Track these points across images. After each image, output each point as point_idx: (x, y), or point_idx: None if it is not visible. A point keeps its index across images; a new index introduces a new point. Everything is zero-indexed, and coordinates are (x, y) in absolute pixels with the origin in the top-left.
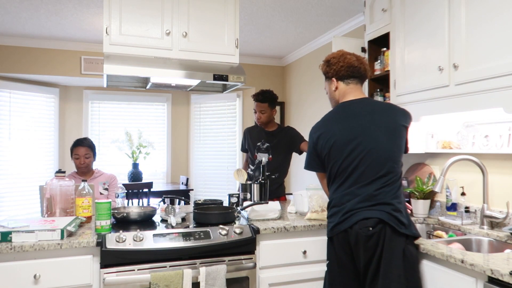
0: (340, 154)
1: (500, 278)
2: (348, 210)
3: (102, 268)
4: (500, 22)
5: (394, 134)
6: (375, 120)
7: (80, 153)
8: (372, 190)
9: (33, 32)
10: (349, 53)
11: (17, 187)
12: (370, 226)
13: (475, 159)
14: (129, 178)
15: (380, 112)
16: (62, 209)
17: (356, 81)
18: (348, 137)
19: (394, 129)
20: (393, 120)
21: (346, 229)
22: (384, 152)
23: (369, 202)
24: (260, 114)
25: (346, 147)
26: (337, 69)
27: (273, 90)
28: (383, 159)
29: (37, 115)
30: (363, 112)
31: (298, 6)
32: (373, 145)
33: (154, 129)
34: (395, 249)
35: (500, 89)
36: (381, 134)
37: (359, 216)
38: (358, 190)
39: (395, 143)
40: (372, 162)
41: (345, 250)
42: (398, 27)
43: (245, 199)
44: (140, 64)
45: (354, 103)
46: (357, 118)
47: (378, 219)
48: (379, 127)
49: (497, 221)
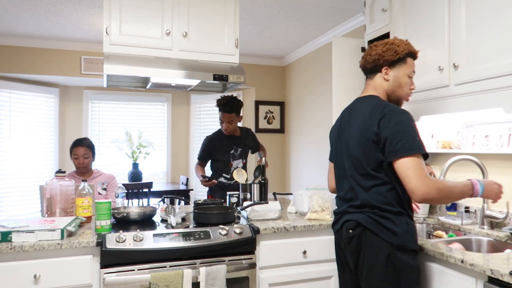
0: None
1: (500, 278)
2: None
3: (102, 268)
4: (500, 22)
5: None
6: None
7: (79, 153)
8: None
9: (33, 32)
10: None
11: (17, 187)
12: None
13: (475, 159)
14: (129, 178)
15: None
16: (62, 209)
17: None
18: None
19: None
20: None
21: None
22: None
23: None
24: (228, 124)
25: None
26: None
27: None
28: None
29: (37, 115)
30: (352, 108)
31: (298, 6)
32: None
33: (154, 129)
34: (378, 254)
35: (500, 89)
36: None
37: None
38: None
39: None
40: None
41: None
42: (398, 27)
43: (245, 199)
44: (140, 64)
45: (355, 102)
46: (348, 114)
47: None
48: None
49: (497, 221)
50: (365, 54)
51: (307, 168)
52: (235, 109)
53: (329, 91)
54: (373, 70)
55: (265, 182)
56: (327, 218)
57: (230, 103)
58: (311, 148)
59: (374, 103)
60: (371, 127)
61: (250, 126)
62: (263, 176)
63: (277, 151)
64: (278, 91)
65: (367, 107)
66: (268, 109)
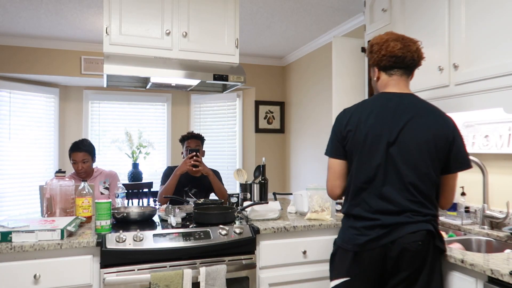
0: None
1: (500, 278)
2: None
3: (102, 268)
4: (501, 22)
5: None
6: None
7: (77, 159)
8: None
9: (33, 32)
10: (395, 38)
11: (17, 187)
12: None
13: (475, 159)
14: (129, 178)
15: (420, 116)
16: (62, 209)
17: (401, 73)
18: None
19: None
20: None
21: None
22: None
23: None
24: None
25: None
26: (378, 59)
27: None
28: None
29: (37, 115)
30: (401, 109)
31: (298, 6)
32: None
33: (154, 129)
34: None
35: (500, 89)
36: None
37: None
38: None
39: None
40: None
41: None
42: (398, 27)
43: (245, 199)
44: (140, 64)
45: (395, 96)
46: (393, 113)
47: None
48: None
49: (497, 221)
50: (411, 48)
51: (307, 168)
52: (200, 137)
53: (329, 91)
54: (412, 67)
55: (265, 182)
56: (327, 218)
57: (197, 133)
58: (311, 148)
59: (436, 108)
60: (445, 137)
61: (250, 126)
62: (263, 176)
63: (277, 151)
64: (278, 91)
65: (430, 111)
66: (268, 109)
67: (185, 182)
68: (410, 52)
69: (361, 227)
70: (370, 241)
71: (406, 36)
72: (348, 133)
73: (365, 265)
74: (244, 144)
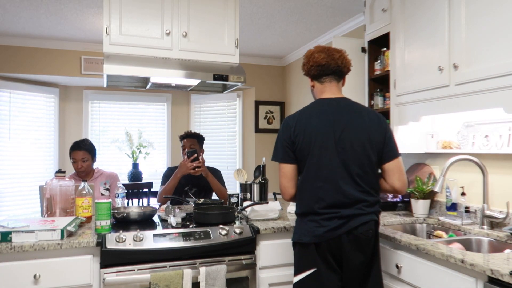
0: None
1: (500, 278)
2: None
3: (102, 268)
4: (501, 22)
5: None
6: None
7: (77, 157)
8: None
9: (33, 32)
10: (320, 50)
11: (17, 187)
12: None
13: (475, 159)
14: (129, 178)
15: (356, 116)
16: (62, 209)
17: (330, 79)
18: (324, 131)
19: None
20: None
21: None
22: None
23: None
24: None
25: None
26: (307, 69)
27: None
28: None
29: (37, 115)
30: (331, 111)
31: (298, 6)
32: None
33: (154, 129)
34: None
35: (500, 89)
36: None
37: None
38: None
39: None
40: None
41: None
42: (398, 27)
43: (245, 199)
44: (140, 64)
45: (333, 101)
46: (334, 115)
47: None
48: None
49: (497, 221)
50: (334, 56)
51: None
52: (196, 136)
53: None
54: (339, 73)
55: (265, 182)
56: None
57: (194, 132)
58: None
59: (368, 108)
60: (379, 134)
61: (250, 126)
62: (263, 176)
63: None
64: (278, 91)
65: (364, 111)
66: (268, 109)
67: (185, 182)
68: (334, 59)
69: (320, 220)
70: (328, 231)
71: (331, 47)
72: (297, 138)
73: (326, 254)
74: (244, 144)
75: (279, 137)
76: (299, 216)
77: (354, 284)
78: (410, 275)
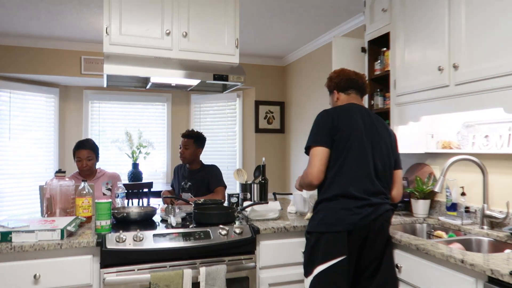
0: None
1: (500, 278)
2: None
3: (102, 268)
4: (500, 22)
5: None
6: (377, 127)
7: (82, 156)
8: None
9: (33, 32)
10: (348, 69)
11: (17, 187)
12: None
13: (475, 159)
14: (129, 178)
15: (381, 123)
16: (62, 209)
17: (355, 92)
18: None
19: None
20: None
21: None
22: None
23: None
24: (184, 149)
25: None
26: (337, 82)
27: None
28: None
29: (37, 115)
30: (364, 114)
31: (298, 6)
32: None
33: (154, 129)
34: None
35: (500, 89)
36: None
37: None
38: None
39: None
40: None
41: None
42: (398, 27)
43: (245, 199)
44: (140, 64)
45: (355, 105)
46: (367, 117)
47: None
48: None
49: (497, 221)
50: (361, 75)
51: None
52: (193, 136)
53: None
54: (363, 90)
55: (265, 182)
56: None
57: (191, 131)
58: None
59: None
60: (395, 144)
61: (250, 126)
62: (263, 176)
63: (277, 151)
64: (278, 91)
65: (382, 122)
66: (268, 109)
67: (182, 178)
68: (361, 78)
69: (353, 207)
70: (362, 218)
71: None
72: (339, 125)
73: (356, 241)
74: (244, 144)
75: (319, 123)
76: (327, 201)
77: (369, 268)
78: (410, 275)
